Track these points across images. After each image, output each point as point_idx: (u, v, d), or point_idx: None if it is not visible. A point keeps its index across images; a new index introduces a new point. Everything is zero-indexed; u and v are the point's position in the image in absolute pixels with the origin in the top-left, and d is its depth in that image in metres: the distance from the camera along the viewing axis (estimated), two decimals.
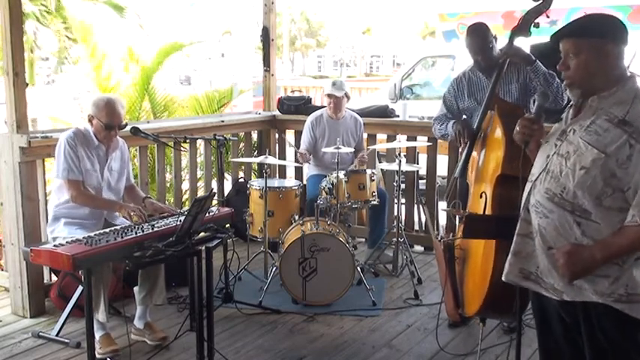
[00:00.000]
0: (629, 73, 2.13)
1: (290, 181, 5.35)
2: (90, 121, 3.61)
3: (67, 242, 2.90)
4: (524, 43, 3.62)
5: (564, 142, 2.13)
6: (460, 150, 3.75)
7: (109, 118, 3.56)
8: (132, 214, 3.45)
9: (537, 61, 3.58)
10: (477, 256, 3.14)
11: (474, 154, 3.52)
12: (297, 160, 5.22)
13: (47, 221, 3.81)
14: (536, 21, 3.37)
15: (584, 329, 2.13)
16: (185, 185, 5.72)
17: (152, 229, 3.15)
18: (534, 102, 3.56)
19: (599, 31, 2.10)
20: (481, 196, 3.14)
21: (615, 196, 2.00)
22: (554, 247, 2.12)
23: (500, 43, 3.74)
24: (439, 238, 3.91)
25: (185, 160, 5.71)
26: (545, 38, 2.32)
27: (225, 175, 5.51)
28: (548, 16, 3.32)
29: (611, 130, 2.02)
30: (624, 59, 2.12)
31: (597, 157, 2.01)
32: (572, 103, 2.25)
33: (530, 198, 2.21)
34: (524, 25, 3.36)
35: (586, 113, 2.12)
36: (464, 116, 3.81)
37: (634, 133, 1.98)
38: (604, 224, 2.03)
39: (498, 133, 3.16)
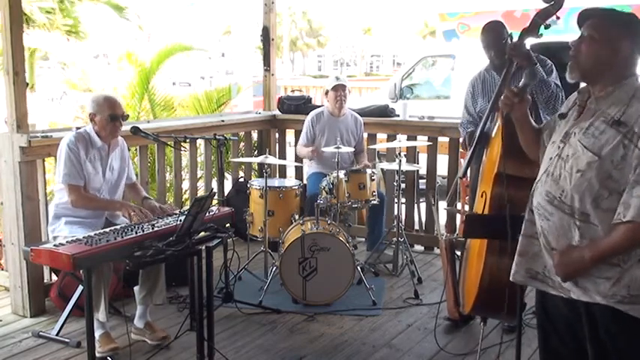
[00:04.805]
0: (634, 72, 2.12)
1: (290, 181, 5.36)
2: (92, 119, 3.62)
3: (67, 242, 2.90)
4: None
5: (566, 145, 2.13)
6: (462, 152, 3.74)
7: (111, 110, 3.59)
8: (132, 213, 3.45)
9: (537, 64, 3.53)
10: (474, 255, 3.15)
11: (484, 155, 3.53)
12: (296, 160, 5.21)
13: (47, 221, 3.81)
14: (547, 22, 3.35)
15: (587, 330, 2.12)
16: (185, 185, 5.72)
17: (152, 228, 3.16)
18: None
19: (622, 24, 2.09)
20: (482, 196, 3.15)
21: (612, 198, 2.00)
22: (556, 248, 2.12)
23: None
24: (443, 237, 3.93)
25: (185, 160, 5.71)
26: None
27: (225, 174, 5.51)
28: (558, 17, 3.31)
29: (606, 131, 2.02)
30: (634, 62, 2.11)
31: (592, 159, 2.02)
32: (575, 99, 2.24)
33: (532, 199, 2.21)
34: (533, 27, 3.34)
35: (585, 115, 2.13)
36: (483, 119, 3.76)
37: (628, 133, 1.98)
38: (602, 227, 2.03)
39: (499, 133, 3.17)
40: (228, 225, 3.65)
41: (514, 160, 2.70)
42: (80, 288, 3.68)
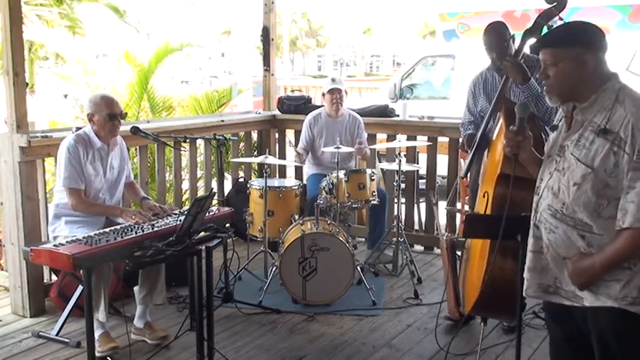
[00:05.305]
0: (610, 72, 2.12)
1: (290, 181, 5.36)
2: (91, 119, 3.62)
3: (67, 242, 2.91)
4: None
5: (562, 158, 2.15)
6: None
7: (109, 109, 3.59)
8: (134, 218, 3.43)
9: (532, 79, 3.50)
10: (475, 256, 3.15)
11: (485, 156, 3.53)
12: (296, 160, 5.22)
13: (47, 221, 3.81)
14: (549, 23, 3.35)
15: (594, 331, 2.13)
16: (185, 185, 5.72)
17: (152, 228, 3.16)
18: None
19: (577, 41, 2.10)
20: (484, 196, 3.16)
21: (612, 205, 2.01)
22: (567, 257, 2.13)
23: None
24: (445, 237, 3.93)
25: (185, 160, 5.71)
26: None
27: (225, 174, 5.51)
28: (561, 19, 3.31)
29: (595, 141, 2.04)
30: (604, 65, 2.12)
31: (585, 172, 2.03)
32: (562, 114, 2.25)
33: (536, 214, 2.22)
34: (535, 28, 3.34)
35: (574, 127, 2.14)
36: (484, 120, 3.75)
37: (615, 139, 1.99)
38: (607, 234, 2.04)
39: (501, 133, 3.18)
40: (228, 225, 3.65)
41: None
42: (80, 288, 3.68)
